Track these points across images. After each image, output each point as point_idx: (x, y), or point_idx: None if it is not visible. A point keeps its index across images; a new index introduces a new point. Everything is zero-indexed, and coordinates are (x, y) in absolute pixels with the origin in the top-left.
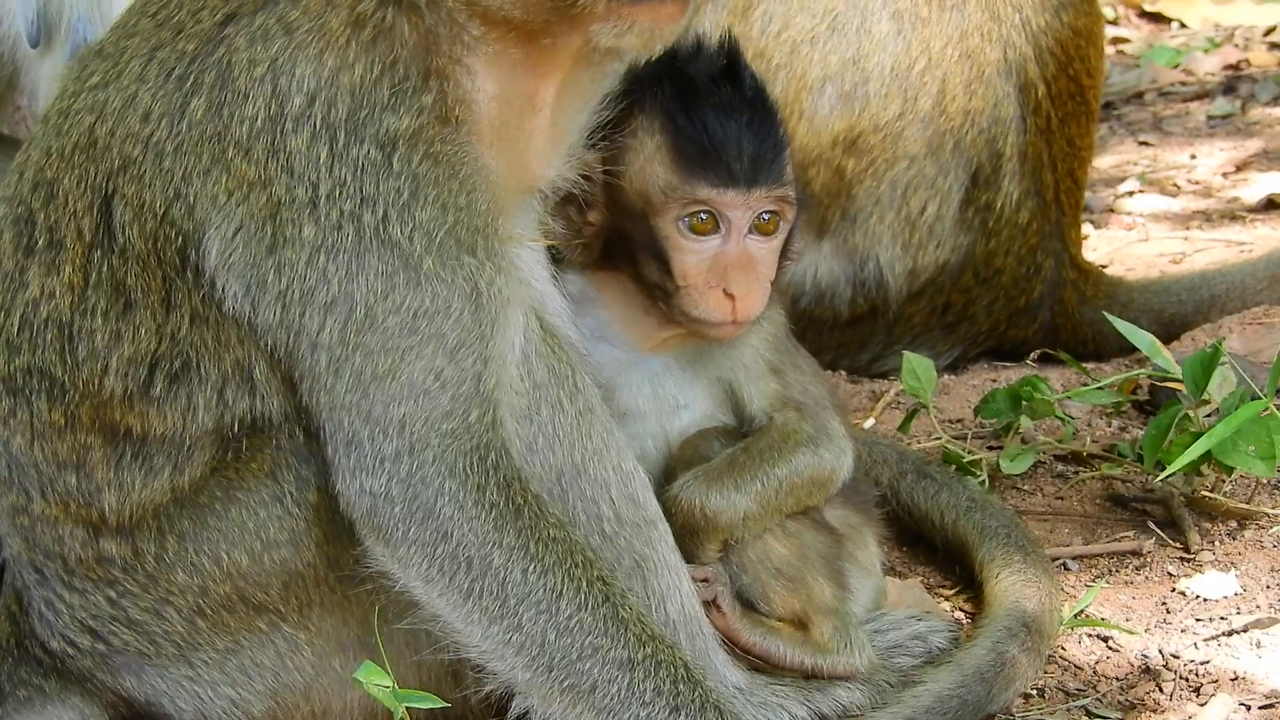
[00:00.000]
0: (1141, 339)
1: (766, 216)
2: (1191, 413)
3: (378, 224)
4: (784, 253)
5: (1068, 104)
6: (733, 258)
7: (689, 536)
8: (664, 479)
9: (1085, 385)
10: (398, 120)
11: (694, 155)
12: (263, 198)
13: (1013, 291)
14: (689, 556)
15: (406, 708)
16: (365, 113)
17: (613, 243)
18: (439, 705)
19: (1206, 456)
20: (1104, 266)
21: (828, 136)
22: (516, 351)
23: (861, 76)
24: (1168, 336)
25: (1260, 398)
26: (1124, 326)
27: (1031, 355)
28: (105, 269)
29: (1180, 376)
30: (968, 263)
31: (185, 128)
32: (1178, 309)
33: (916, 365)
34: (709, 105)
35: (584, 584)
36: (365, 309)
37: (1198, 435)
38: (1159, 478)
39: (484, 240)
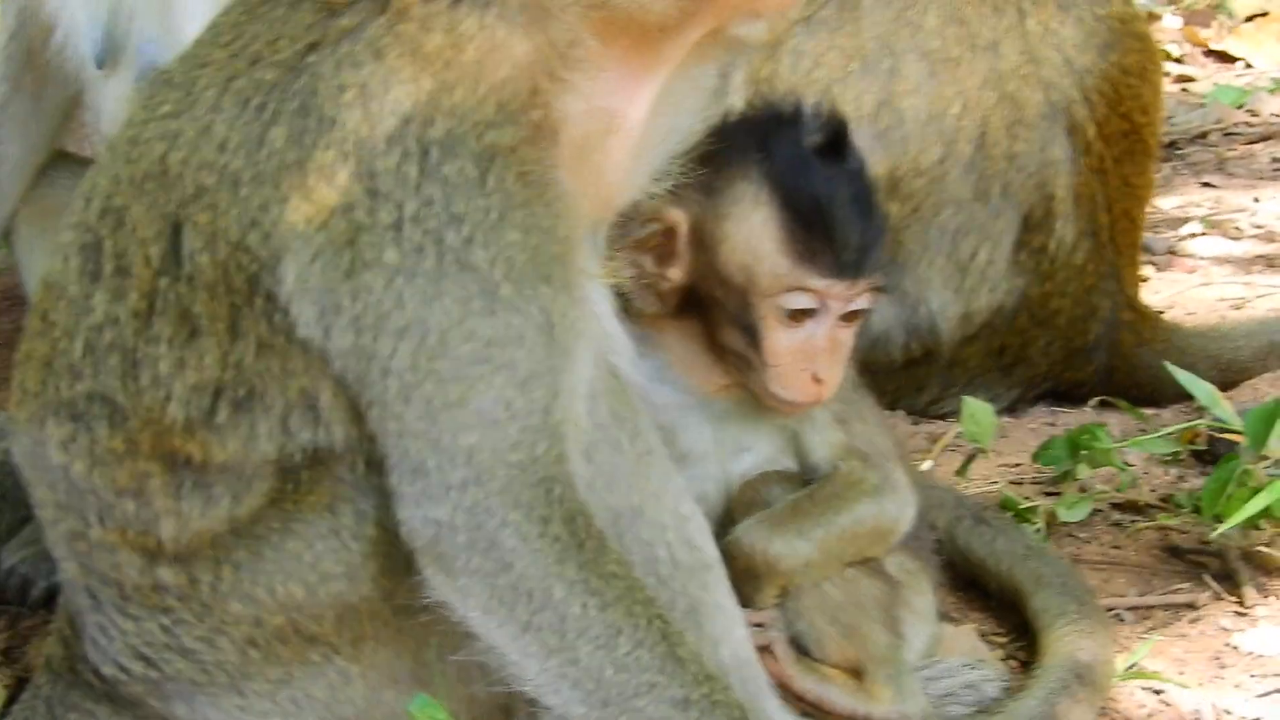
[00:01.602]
0: (1200, 389)
1: (853, 314)
2: (1251, 467)
3: (460, 246)
4: None
5: (1121, 143)
6: (824, 343)
7: (748, 581)
8: (724, 522)
9: (1144, 432)
10: (500, 136)
11: (808, 241)
12: (343, 223)
13: (1069, 333)
14: (746, 601)
15: None
16: (465, 129)
17: (690, 301)
18: None
19: (1265, 511)
20: (1164, 310)
21: None
22: (586, 386)
23: (897, 119)
24: (1226, 383)
25: None
26: (1183, 376)
27: (1092, 401)
28: (172, 296)
29: (1240, 428)
30: (1023, 305)
31: (264, 156)
32: (1235, 355)
33: (976, 410)
34: (822, 185)
35: (643, 621)
36: (439, 335)
37: (1257, 490)
38: (1216, 531)
39: (560, 269)
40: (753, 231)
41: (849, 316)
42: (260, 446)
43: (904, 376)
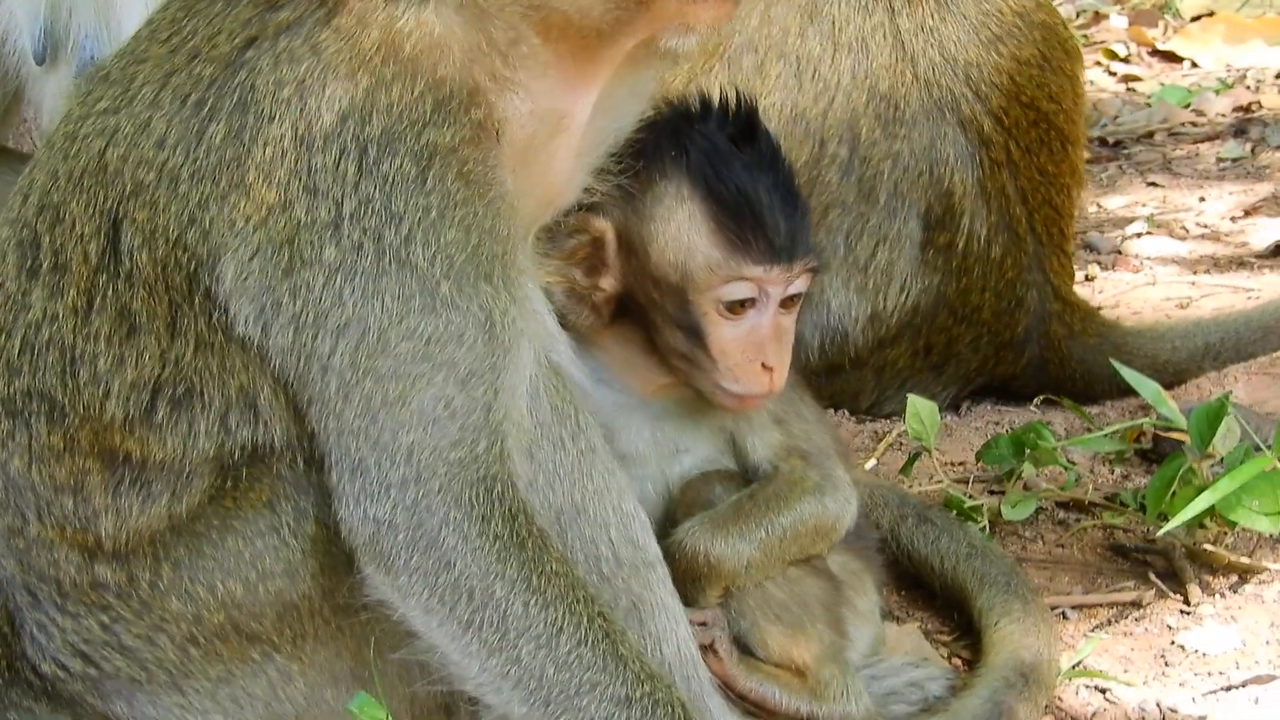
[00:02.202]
0: (1147, 388)
1: (791, 299)
2: (1196, 466)
3: (399, 244)
4: None
5: (1030, 133)
6: (769, 331)
7: (691, 583)
8: (665, 522)
9: (1088, 431)
10: (439, 134)
11: (738, 230)
12: (282, 220)
13: (996, 327)
14: (689, 602)
15: None
16: (403, 127)
17: (625, 309)
18: None
19: (1210, 510)
20: (1110, 309)
21: None
22: (526, 384)
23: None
24: (1163, 384)
25: (1265, 452)
26: (1130, 375)
27: (1035, 401)
28: (110, 293)
29: (1185, 427)
30: (941, 303)
31: (203, 153)
32: (1172, 356)
33: (921, 408)
34: (742, 172)
35: (585, 619)
36: (379, 333)
37: (1202, 488)
38: (1161, 530)
39: (501, 268)
40: (680, 228)
41: (788, 302)
42: (199, 444)
43: (835, 382)
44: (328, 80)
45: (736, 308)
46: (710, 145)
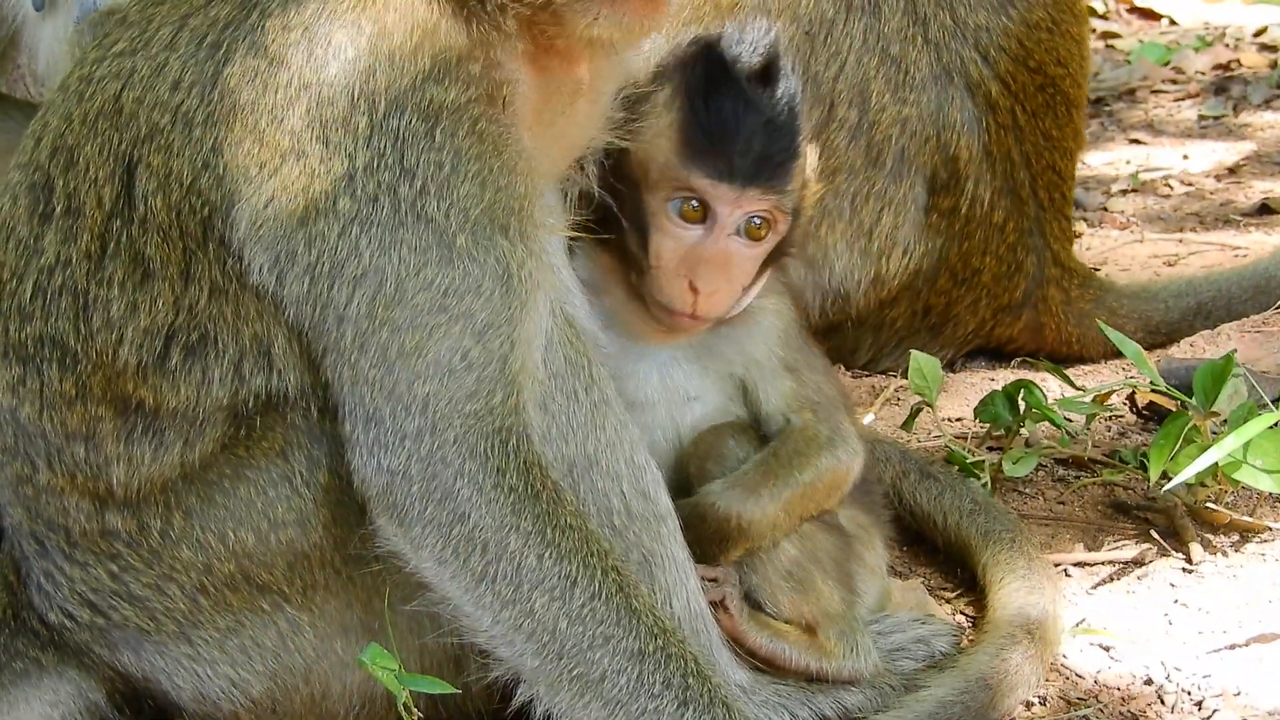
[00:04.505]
0: (1129, 348)
1: (758, 221)
2: (1200, 424)
3: (415, 198)
4: (783, 250)
5: (1036, 97)
6: (709, 253)
7: (718, 543)
8: (675, 473)
9: (1079, 388)
10: (443, 92)
11: (698, 141)
12: (296, 169)
13: (995, 290)
14: (708, 560)
15: (409, 692)
16: (406, 82)
17: (605, 208)
18: (445, 689)
19: (1213, 469)
20: (1098, 267)
21: None
22: (542, 337)
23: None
24: (1155, 344)
25: (1269, 409)
26: (1113, 335)
27: (1013, 362)
28: (124, 238)
29: (1167, 389)
30: (942, 266)
31: (217, 97)
32: (1165, 315)
33: (923, 364)
34: (730, 96)
35: (598, 572)
36: (396, 284)
37: (1205, 447)
38: (1164, 489)
39: (518, 222)
40: (657, 131)
41: (750, 235)
42: (213, 391)
43: (833, 338)
44: (334, 28)
45: (687, 213)
46: (715, 69)
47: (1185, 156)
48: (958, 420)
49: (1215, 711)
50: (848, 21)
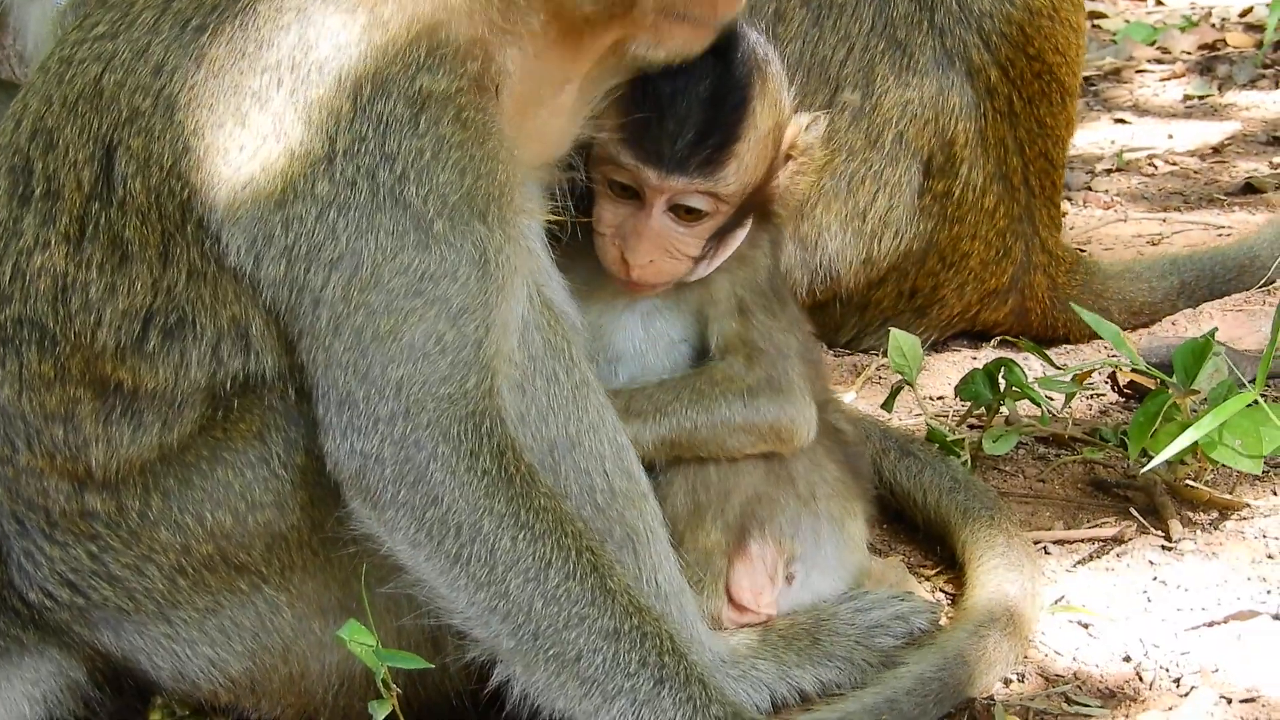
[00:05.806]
0: (1106, 329)
1: (687, 210)
2: (1180, 402)
3: (394, 183)
4: (759, 211)
5: (1033, 84)
6: (641, 227)
7: None
8: None
9: (1059, 367)
10: (434, 81)
11: (636, 124)
12: (277, 150)
13: (982, 274)
14: None
15: (387, 668)
16: (397, 69)
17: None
18: (422, 665)
19: (1193, 447)
20: (1082, 246)
21: None
22: (518, 322)
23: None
24: (1138, 324)
25: (1246, 389)
26: (1089, 317)
27: (992, 342)
28: (103, 221)
29: (1147, 370)
30: (931, 248)
31: (200, 80)
32: (1148, 297)
33: (903, 342)
34: (676, 80)
35: (573, 553)
36: (372, 267)
37: (1185, 425)
38: (1144, 468)
39: (497, 209)
40: (611, 108)
41: (684, 215)
42: (191, 373)
43: (820, 316)
44: (329, 11)
45: (618, 193)
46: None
47: (1170, 136)
48: (939, 399)
49: (1193, 689)
50: (858, 6)
